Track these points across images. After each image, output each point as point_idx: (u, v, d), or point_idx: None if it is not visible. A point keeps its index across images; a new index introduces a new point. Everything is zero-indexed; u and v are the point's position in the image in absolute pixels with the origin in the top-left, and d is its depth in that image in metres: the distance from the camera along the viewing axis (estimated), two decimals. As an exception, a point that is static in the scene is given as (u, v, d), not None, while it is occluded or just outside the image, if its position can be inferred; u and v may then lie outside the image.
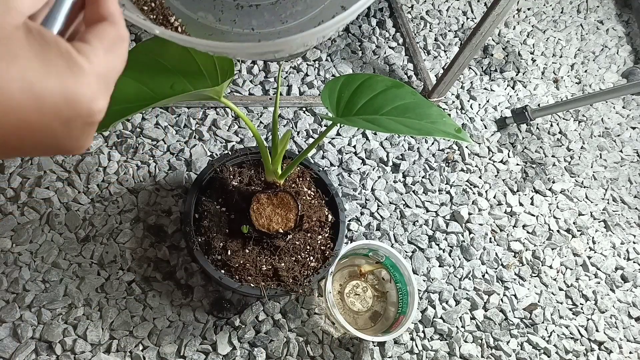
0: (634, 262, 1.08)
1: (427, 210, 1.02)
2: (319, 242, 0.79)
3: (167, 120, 0.98)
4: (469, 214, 1.03)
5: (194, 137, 0.97)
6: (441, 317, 0.91)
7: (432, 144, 1.10)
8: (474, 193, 1.07)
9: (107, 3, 0.26)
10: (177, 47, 0.56)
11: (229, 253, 0.74)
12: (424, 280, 0.94)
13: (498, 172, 1.11)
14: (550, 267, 1.02)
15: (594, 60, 1.39)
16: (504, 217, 1.05)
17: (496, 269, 0.99)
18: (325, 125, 1.05)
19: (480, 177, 1.09)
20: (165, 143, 0.95)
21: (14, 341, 0.75)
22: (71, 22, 0.26)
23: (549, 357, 0.93)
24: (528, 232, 1.06)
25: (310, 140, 1.03)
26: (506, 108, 1.21)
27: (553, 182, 1.13)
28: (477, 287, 0.96)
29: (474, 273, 0.97)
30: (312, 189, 0.83)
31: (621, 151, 1.25)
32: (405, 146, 1.08)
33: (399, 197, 1.01)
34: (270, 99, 1.04)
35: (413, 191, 1.03)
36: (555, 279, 1.01)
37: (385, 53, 1.20)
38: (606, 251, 1.08)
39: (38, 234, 0.83)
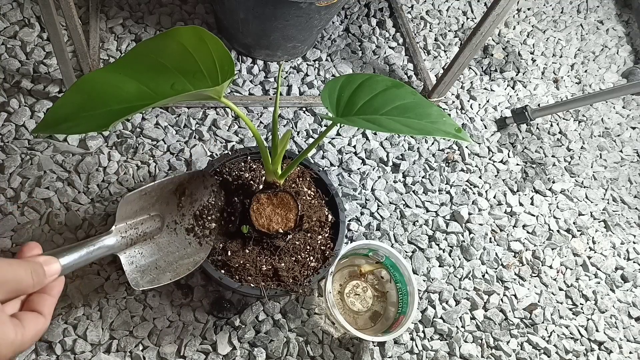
0: (634, 262, 1.08)
1: (427, 210, 1.02)
2: (319, 242, 0.79)
3: (167, 120, 0.98)
4: (469, 214, 1.03)
5: (194, 137, 0.97)
6: (441, 317, 0.91)
7: (432, 144, 1.10)
8: (474, 193, 1.07)
9: (47, 303, 0.40)
10: (177, 47, 0.55)
11: (229, 253, 0.74)
12: (424, 280, 0.94)
13: (498, 172, 1.11)
14: (550, 267, 1.02)
15: (594, 60, 1.39)
16: (504, 217, 1.05)
17: (496, 269, 0.99)
18: (325, 125, 1.05)
19: (480, 177, 1.09)
20: (165, 143, 0.95)
21: (14, 341, 0.75)
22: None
23: (549, 357, 0.93)
24: (528, 232, 1.06)
25: (310, 140, 1.03)
26: (506, 108, 1.21)
27: (553, 182, 1.13)
28: (477, 287, 0.96)
29: (474, 273, 0.97)
30: (312, 189, 0.83)
31: (621, 151, 1.25)
32: (405, 146, 1.08)
33: (399, 197, 1.01)
34: (270, 99, 1.04)
35: (413, 191, 1.03)
36: (555, 279, 1.01)
37: (385, 53, 1.20)
38: (606, 251, 1.08)
39: (38, 234, 0.83)
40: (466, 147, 1.11)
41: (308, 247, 0.78)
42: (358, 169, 1.02)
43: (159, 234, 0.70)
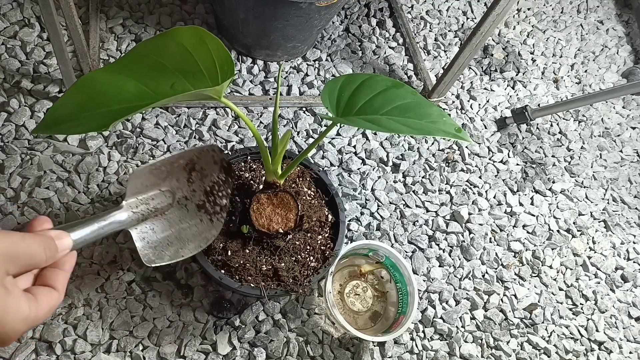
0: (634, 262, 1.08)
1: (427, 210, 1.02)
2: (319, 242, 0.79)
3: (167, 120, 0.98)
4: (469, 214, 1.03)
5: (194, 137, 0.97)
6: (441, 317, 0.91)
7: (432, 144, 1.10)
8: (474, 193, 1.07)
9: (60, 277, 0.40)
10: (177, 47, 0.56)
11: (229, 253, 0.74)
12: (424, 280, 0.94)
13: (498, 172, 1.11)
14: (550, 267, 1.02)
15: (594, 60, 1.39)
16: (504, 217, 1.05)
17: (496, 269, 0.99)
18: (325, 125, 1.05)
19: (480, 177, 1.09)
20: (165, 143, 0.95)
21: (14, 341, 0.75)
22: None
23: (549, 357, 0.93)
24: (528, 232, 1.06)
25: (310, 140, 1.03)
26: (506, 108, 1.21)
27: (553, 182, 1.13)
28: (477, 287, 0.96)
29: (474, 273, 0.97)
30: (312, 189, 0.83)
31: (621, 151, 1.25)
32: (405, 146, 1.08)
33: (399, 197, 1.01)
34: (270, 99, 1.04)
35: (413, 191, 1.03)
36: (555, 279, 1.01)
37: (385, 53, 1.20)
38: (606, 251, 1.08)
39: (38, 234, 0.83)
40: (466, 147, 1.11)
41: (308, 247, 0.78)
42: (358, 169, 1.02)
43: (170, 209, 0.69)
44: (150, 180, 0.67)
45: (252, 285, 0.74)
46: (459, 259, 0.98)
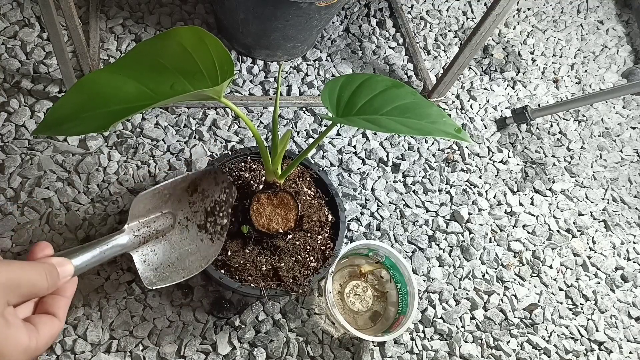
0: (634, 262, 1.08)
1: (427, 210, 1.02)
2: (319, 242, 0.79)
3: (167, 120, 0.98)
4: (469, 214, 1.03)
5: (194, 137, 0.97)
6: (441, 317, 0.91)
7: (432, 144, 1.10)
8: (474, 193, 1.07)
9: (62, 304, 0.40)
10: (177, 47, 0.55)
11: (229, 253, 0.74)
12: (424, 280, 0.94)
13: (498, 172, 1.11)
14: (550, 267, 1.02)
15: (594, 60, 1.39)
16: (504, 217, 1.05)
17: (496, 269, 0.99)
18: (325, 125, 1.05)
19: (480, 177, 1.09)
20: (165, 143, 0.95)
21: (14, 341, 0.75)
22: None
23: (549, 357, 0.93)
24: (528, 232, 1.06)
25: (310, 140, 1.03)
26: (506, 108, 1.21)
27: (553, 182, 1.13)
28: (477, 287, 0.96)
29: (474, 273, 0.97)
30: (312, 189, 0.83)
31: (621, 151, 1.25)
32: (405, 146, 1.08)
33: (399, 197, 1.01)
34: (270, 99, 1.04)
35: (413, 191, 1.03)
36: (555, 279, 1.01)
37: (385, 53, 1.20)
38: (606, 251, 1.08)
39: (38, 234, 0.83)
40: (466, 147, 1.11)
41: (308, 247, 0.78)
42: (358, 169, 1.02)
43: (171, 231, 0.70)
44: (153, 204, 0.68)
45: (252, 285, 0.74)
46: (459, 259, 0.98)
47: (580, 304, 1.00)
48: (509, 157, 1.14)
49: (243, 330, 0.82)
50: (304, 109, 1.07)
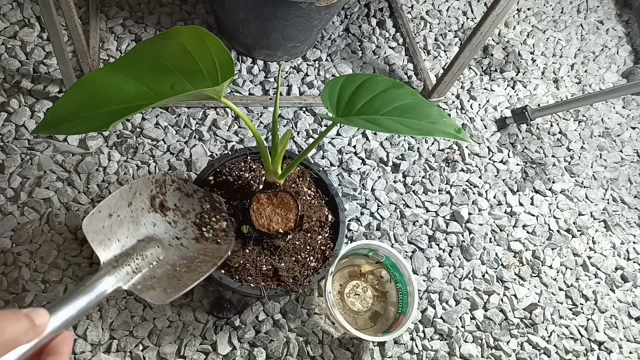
0: (634, 262, 1.08)
1: (427, 210, 1.02)
2: (319, 242, 0.79)
3: (167, 120, 0.98)
4: (469, 214, 1.03)
5: (194, 137, 0.97)
6: (441, 317, 0.91)
7: (432, 144, 1.10)
8: (474, 193, 1.07)
9: None
10: (177, 47, 0.55)
11: (229, 253, 0.74)
12: (424, 280, 0.94)
13: (498, 172, 1.11)
14: (550, 267, 1.02)
15: (594, 60, 1.39)
16: (504, 217, 1.05)
17: (496, 269, 0.99)
18: (325, 125, 1.05)
19: (480, 177, 1.09)
20: (165, 143, 0.95)
21: (14, 341, 0.75)
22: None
23: (549, 357, 0.93)
24: (528, 232, 1.06)
25: (310, 140, 1.03)
26: (506, 108, 1.21)
27: (553, 182, 1.13)
28: (477, 287, 0.96)
29: (474, 273, 0.97)
30: (312, 189, 0.83)
31: (621, 151, 1.25)
32: (405, 146, 1.08)
33: (399, 197, 1.01)
34: (270, 99, 1.04)
35: (413, 191, 1.03)
36: (555, 279, 1.01)
37: (385, 53, 1.20)
38: (606, 251, 1.08)
39: (38, 234, 0.83)
40: (466, 147, 1.11)
41: (308, 247, 0.78)
42: (358, 169, 1.02)
43: (164, 254, 0.63)
44: (112, 228, 0.59)
45: (252, 285, 0.74)
46: (459, 259, 0.98)
47: (580, 304, 1.00)
48: (509, 157, 1.14)
49: (243, 330, 0.82)
50: (304, 109, 1.07)
